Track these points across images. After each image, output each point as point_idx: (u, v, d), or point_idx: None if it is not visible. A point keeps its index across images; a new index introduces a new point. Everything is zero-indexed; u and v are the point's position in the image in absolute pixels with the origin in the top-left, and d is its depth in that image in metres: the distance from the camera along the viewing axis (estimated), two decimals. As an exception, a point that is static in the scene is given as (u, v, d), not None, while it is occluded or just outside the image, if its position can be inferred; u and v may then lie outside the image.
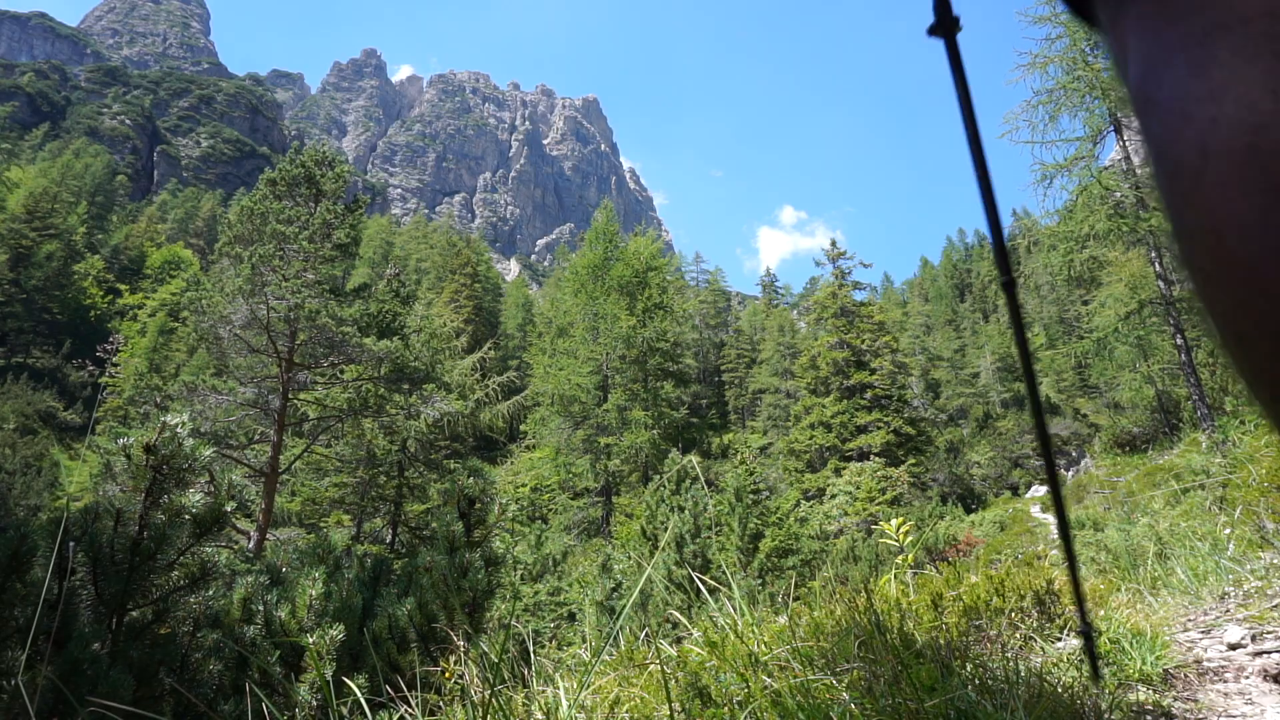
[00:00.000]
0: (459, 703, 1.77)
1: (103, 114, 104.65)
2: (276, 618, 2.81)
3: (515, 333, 60.06)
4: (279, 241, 13.54)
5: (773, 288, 71.44)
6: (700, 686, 1.27)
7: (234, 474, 2.82)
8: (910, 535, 2.66)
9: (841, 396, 31.31)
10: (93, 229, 62.04)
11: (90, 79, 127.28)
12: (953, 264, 74.06)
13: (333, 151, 16.24)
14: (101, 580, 2.31)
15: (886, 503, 25.69)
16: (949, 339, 53.88)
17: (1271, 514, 3.46)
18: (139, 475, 2.39)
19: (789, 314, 58.35)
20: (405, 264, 59.84)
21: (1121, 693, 1.39)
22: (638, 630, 2.03)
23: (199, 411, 13.27)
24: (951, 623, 2.00)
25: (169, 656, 2.40)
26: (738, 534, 13.79)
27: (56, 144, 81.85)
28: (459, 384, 29.51)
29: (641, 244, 41.24)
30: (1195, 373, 13.96)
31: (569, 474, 34.22)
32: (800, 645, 1.36)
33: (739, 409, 50.17)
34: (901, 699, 1.08)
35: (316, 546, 3.35)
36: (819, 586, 3.26)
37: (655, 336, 36.86)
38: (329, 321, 13.23)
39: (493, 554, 3.24)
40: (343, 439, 18.34)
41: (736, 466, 16.57)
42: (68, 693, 1.90)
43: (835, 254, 34.87)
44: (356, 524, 19.64)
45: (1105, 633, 1.67)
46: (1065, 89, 14.60)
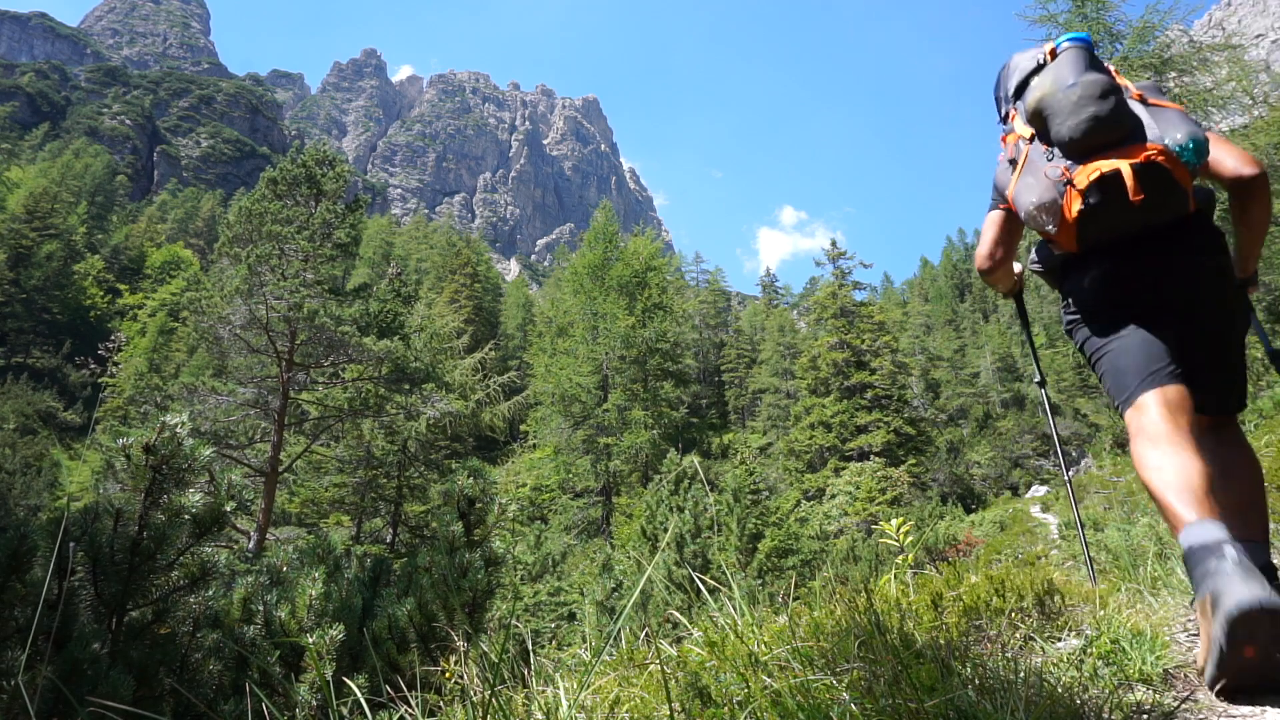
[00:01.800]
0: (459, 703, 1.77)
1: (103, 114, 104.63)
2: (276, 618, 2.82)
3: (515, 333, 60.06)
4: (279, 241, 13.54)
5: (773, 288, 71.43)
6: (700, 686, 1.27)
7: (234, 474, 2.82)
8: (910, 535, 2.66)
9: (841, 396, 31.31)
10: (93, 229, 62.03)
11: (90, 79, 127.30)
12: (953, 264, 74.06)
13: (333, 151, 16.24)
14: (101, 580, 2.31)
15: (886, 503, 25.68)
16: (949, 339, 53.89)
17: (1271, 513, 3.46)
18: (139, 475, 2.39)
19: (789, 314, 58.35)
20: (405, 264, 59.80)
21: (1121, 693, 1.39)
22: (638, 630, 2.03)
23: (199, 411, 13.27)
24: (951, 623, 2.00)
25: (169, 656, 2.40)
26: (736, 534, 13.79)
27: (56, 144, 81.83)
28: (460, 384, 29.52)
29: (641, 244, 41.23)
30: (1195, 373, 13.96)
31: (569, 474, 34.20)
32: (800, 645, 1.36)
33: (739, 409, 50.17)
34: (901, 699, 1.08)
35: (316, 546, 3.35)
36: (819, 586, 3.26)
37: (655, 336, 36.84)
38: (329, 321, 13.23)
39: (493, 554, 3.24)
40: (343, 439, 18.34)
41: (736, 466, 16.58)
42: (68, 693, 1.90)
43: (835, 254, 34.88)
44: (356, 524, 19.64)
45: (1105, 633, 1.67)
46: (1065, 89, 14.60)
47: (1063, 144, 1.80)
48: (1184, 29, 16.96)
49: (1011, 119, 2.02)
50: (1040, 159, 1.84)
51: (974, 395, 45.27)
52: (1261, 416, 11.11)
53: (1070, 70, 1.85)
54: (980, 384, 46.13)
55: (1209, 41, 14.44)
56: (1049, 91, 1.84)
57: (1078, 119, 1.76)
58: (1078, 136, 1.76)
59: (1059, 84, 1.83)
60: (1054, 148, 1.82)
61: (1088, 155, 1.76)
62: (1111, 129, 1.75)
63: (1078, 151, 1.77)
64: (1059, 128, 1.80)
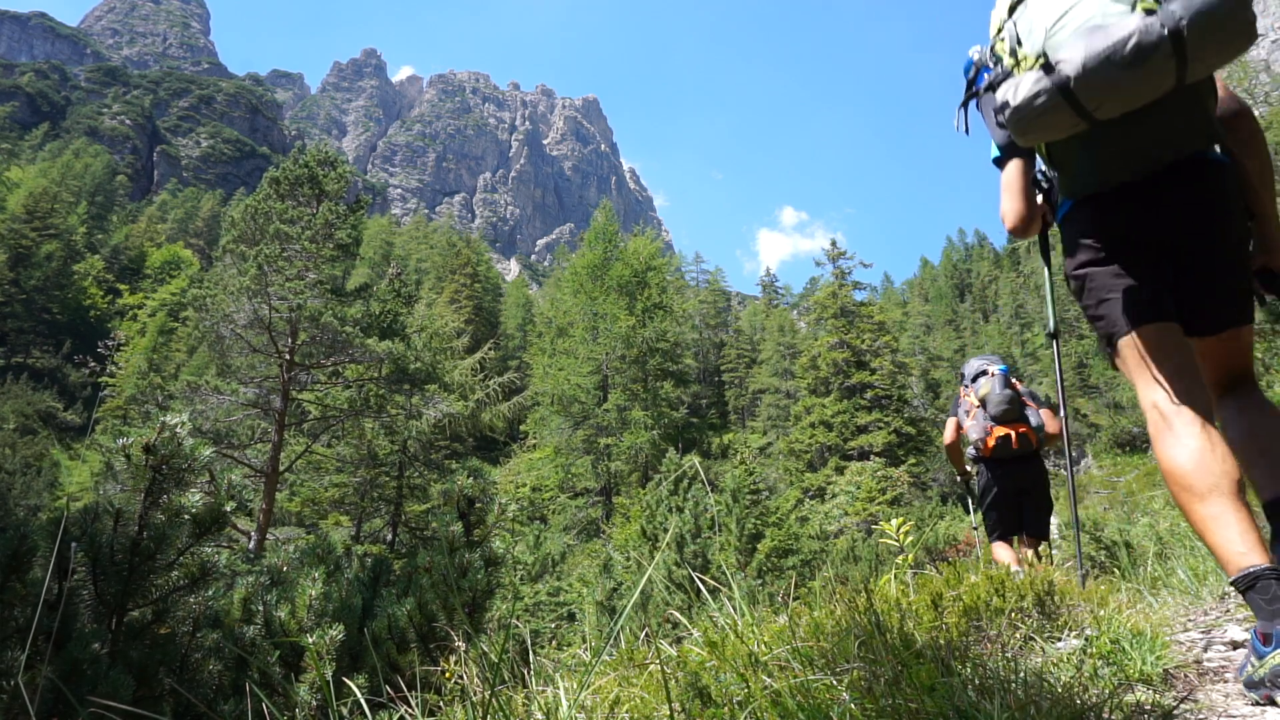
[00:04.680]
0: (459, 703, 1.77)
1: (103, 114, 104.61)
2: (276, 618, 2.82)
3: (515, 333, 60.03)
4: (281, 241, 13.55)
5: (773, 288, 71.41)
6: (700, 686, 1.27)
7: (234, 474, 2.82)
8: (910, 535, 2.66)
9: (842, 396, 31.31)
10: (93, 229, 62.03)
11: (90, 79, 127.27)
12: (953, 264, 74.02)
13: (334, 152, 16.25)
14: (101, 580, 2.31)
15: (887, 503, 25.69)
16: (949, 339, 53.87)
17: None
18: (139, 475, 2.39)
19: (789, 314, 58.32)
20: (405, 264, 59.79)
21: (1121, 693, 1.39)
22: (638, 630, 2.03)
23: (200, 411, 13.27)
24: (951, 623, 2.00)
25: (169, 656, 2.40)
26: (736, 534, 13.79)
27: (56, 144, 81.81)
28: (460, 384, 29.51)
29: (641, 244, 41.21)
30: (1195, 373, 13.98)
31: (569, 474, 34.20)
32: (800, 645, 1.36)
33: (739, 409, 50.15)
34: (901, 699, 1.08)
35: (316, 546, 3.35)
36: (819, 586, 3.26)
37: (655, 336, 36.83)
38: (332, 321, 13.24)
39: (492, 554, 3.24)
40: (343, 439, 18.33)
41: (736, 466, 16.58)
42: (68, 693, 1.90)
43: (835, 254, 34.88)
44: (356, 524, 19.64)
45: (1105, 633, 1.67)
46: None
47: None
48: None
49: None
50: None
51: (974, 395, 45.20)
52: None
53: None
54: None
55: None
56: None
57: None
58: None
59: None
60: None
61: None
62: None
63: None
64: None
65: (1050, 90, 1.51)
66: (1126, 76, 1.44)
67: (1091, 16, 1.49)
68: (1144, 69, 1.42)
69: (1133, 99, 1.49)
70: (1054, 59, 1.51)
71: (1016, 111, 1.57)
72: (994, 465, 4.24)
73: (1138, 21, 1.42)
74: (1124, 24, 1.43)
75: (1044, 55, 1.54)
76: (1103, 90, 1.47)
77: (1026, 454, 4.13)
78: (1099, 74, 1.45)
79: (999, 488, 4.24)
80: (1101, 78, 1.45)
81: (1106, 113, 1.51)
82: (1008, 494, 4.20)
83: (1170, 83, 1.45)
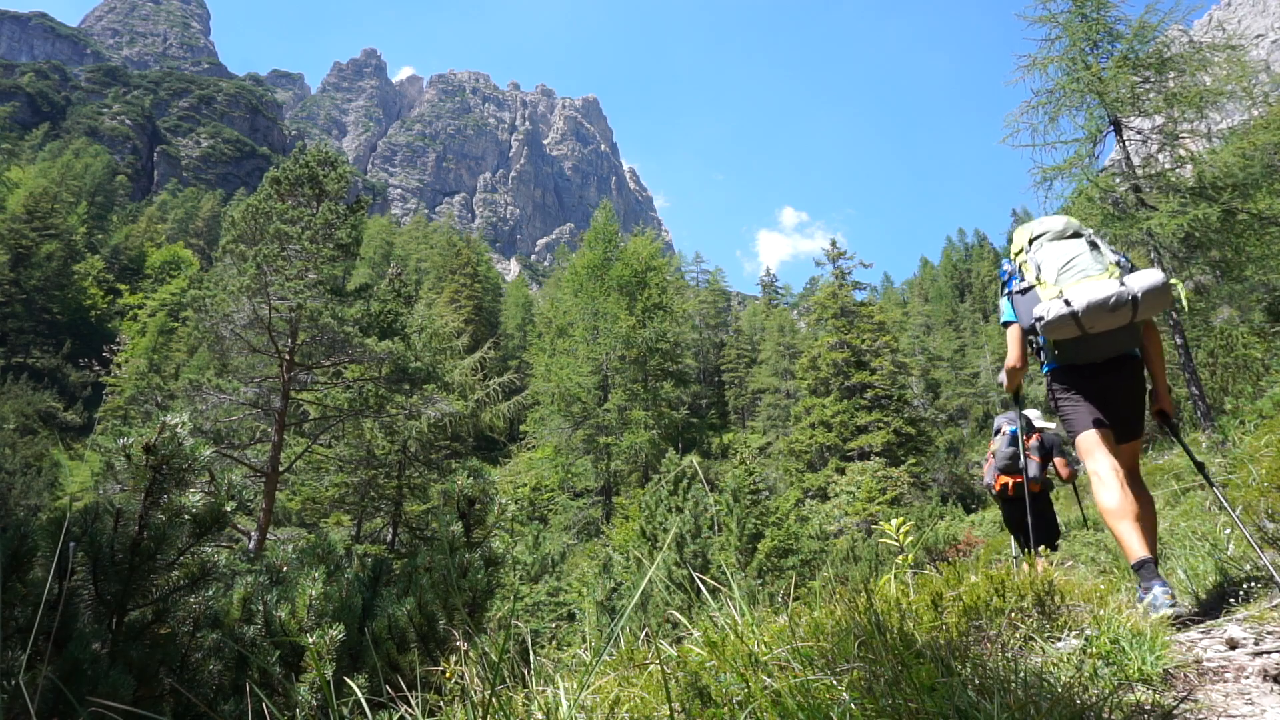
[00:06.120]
0: (459, 703, 1.77)
1: (103, 114, 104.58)
2: (276, 618, 2.81)
3: (515, 333, 60.04)
4: (281, 241, 13.54)
5: (773, 288, 71.41)
6: (700, 686, 1.27)
7: (234, 474, 2.82)
8: (910, 535, 2.66)
9: (841, 396, 31.29)
10: (93, 229, 62.02)
11: (90, 79, 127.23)
12: (953, 264, 74.02)
13: (334, 152, 16.24)
14: (101, 580, 2.31)
15: (887, 503, 25.68)
16: (949, 339, 53.86)
17: (1271, 514, 3.46)
18: (139, 475, 2.39)
19: (789, 314, 58.30)
20: (405, 264, 59.81)
21: (1121, 693, 1.39)
22: (638, 630, 2.03)
23: (200, 411, 13.27)
24: (951, 623, 2.00)
25: (169, 656, 2.40)
26: (736, 534, 13.79)
27: (56, 144, 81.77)
28: (460, 384, 29.50)
29: (641, 244, 41.20)
30: (1195, 373, 13.95)
31: (569, 474, 34.19)
32: (800, 645, 1.36)
33: (739, 409, 50.14)
34: (901, 699, 1.08)
35: (316, 546, 3.34)
36: (819, 586, 3.27)
37: (655, 336, 36.82)
38: (331, 322, 13.23)
39: (492, 554, 3.24)
40: (343, 439, 18.32)
41: (736, 466, 16.56)
42: (68, 693, 1.90)
43: (835, 254, 34.86)
44: (356, 524, 19.63)
45: (1105, 633, 1.67)
46: (1065, 90, 14.59)
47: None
48: (1184, 29, 16.95)
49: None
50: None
51: (974, 395, 45.24)
52: (1261, 417, 11.10)
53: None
54: (980, 384, 46.08)
55: (1209, 41, 14.42)
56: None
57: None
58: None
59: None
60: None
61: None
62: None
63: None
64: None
65: (1067, 316, 2.71)
66: (1109, 315, 2.67)
67: (1085, 269, 2.85)
68: (1118, 312, 2.66)
69: (1108, 325, 2.71)
70: (1068, 297, 2.72)
71: (1049, 323, 2.76)
72: (1000, 501, 6.02)
73: (1116, 286, 2.66)
74: (1108, 285, 2.68)
75: (1061, 293, 2.78)
76: (1095, 320, 2.68)
77: (1021, 497, 5.65)
78: (1094, 311, 2.66)
79: (1004, 515, 6.02)
80: (1096, 313, 2.67)
81: (1093, 330, 2.72)
82: (1011, 520, 5.89)
83: (1127, 319, 2.69)
